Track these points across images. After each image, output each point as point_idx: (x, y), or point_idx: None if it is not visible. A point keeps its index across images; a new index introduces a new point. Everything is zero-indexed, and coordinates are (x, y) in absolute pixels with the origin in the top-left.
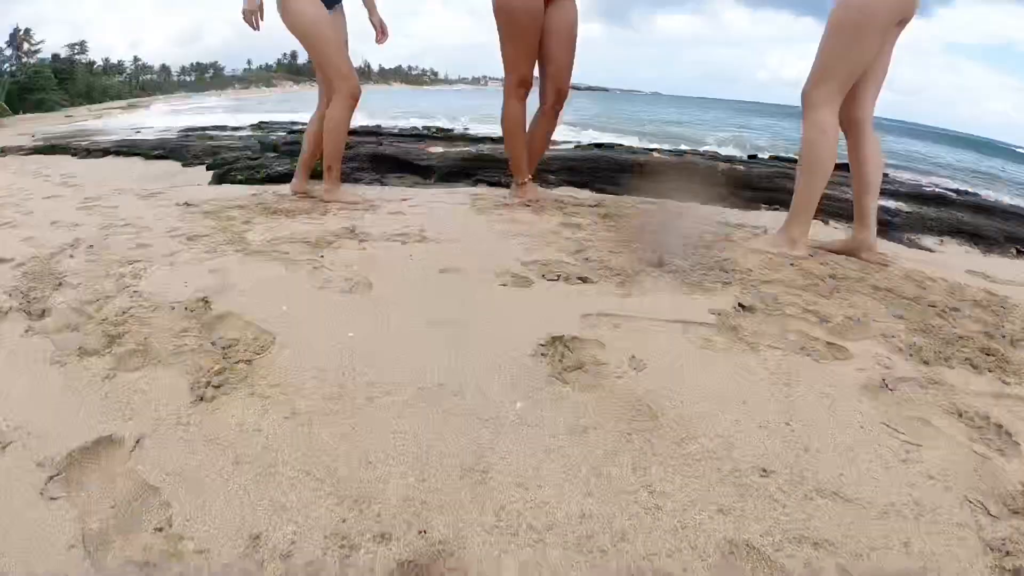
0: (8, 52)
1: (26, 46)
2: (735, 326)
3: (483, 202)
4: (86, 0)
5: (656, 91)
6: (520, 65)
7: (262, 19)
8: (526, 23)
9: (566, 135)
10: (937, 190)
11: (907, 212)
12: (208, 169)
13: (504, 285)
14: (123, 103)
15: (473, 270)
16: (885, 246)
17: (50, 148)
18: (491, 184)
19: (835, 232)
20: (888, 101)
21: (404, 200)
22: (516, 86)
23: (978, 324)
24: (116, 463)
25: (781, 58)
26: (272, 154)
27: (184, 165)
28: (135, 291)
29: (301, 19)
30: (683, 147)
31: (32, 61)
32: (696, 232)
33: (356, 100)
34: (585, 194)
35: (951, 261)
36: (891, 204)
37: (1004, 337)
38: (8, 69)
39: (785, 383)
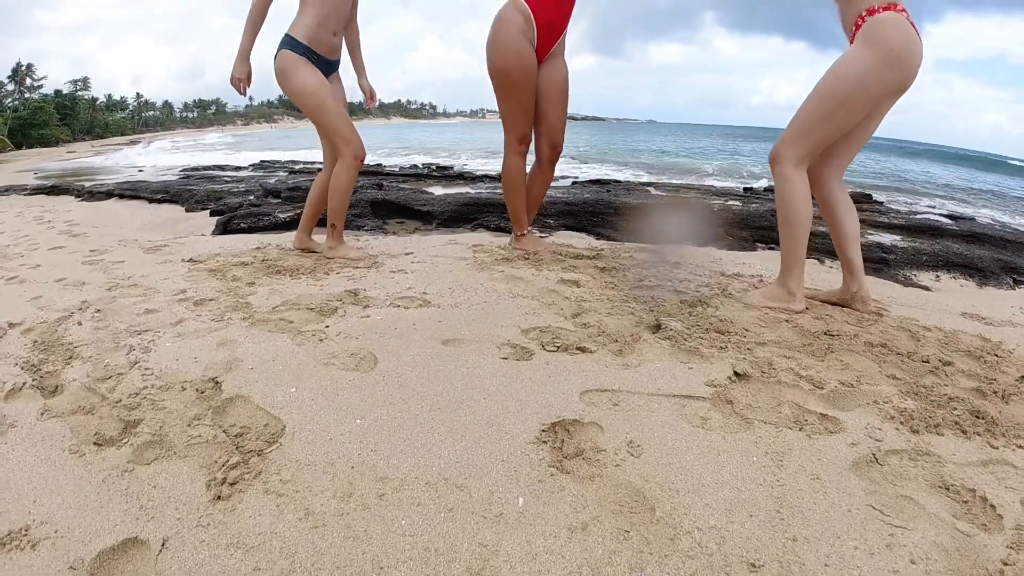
0: (10, 87)
1: (28, 81)
2: (731, 399)
3: (483, 255)
4: (89, 36)
5: (651, 119)
6: (519, 122)
7: (249, 85)
8: (522, 82)
9: (565, 170)
10: (931, 219)
11: (902, 248)
12: (212, 215)
13: (505, 358)
14: (125, 139)
15: (474, 340)
16: (882, 287)
17: (52, 188)
18: (491, 229)
19: (831, 271)
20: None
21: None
22: (517, 143)
23: (970, 379)
24: (145, 567)
25: (773, 82)
26: (275, 200)
27: (187, 210)
28: (146, 368)
29: (301, 89)
30: (676, 180)
31: (34, 96)
32: (692, 287)
33: (361, 161)
34: (583, 242)
35: (947, 302)
36: (886, 239)
37: (995, 393)
38: (10, 104)
39: (778, 464)
